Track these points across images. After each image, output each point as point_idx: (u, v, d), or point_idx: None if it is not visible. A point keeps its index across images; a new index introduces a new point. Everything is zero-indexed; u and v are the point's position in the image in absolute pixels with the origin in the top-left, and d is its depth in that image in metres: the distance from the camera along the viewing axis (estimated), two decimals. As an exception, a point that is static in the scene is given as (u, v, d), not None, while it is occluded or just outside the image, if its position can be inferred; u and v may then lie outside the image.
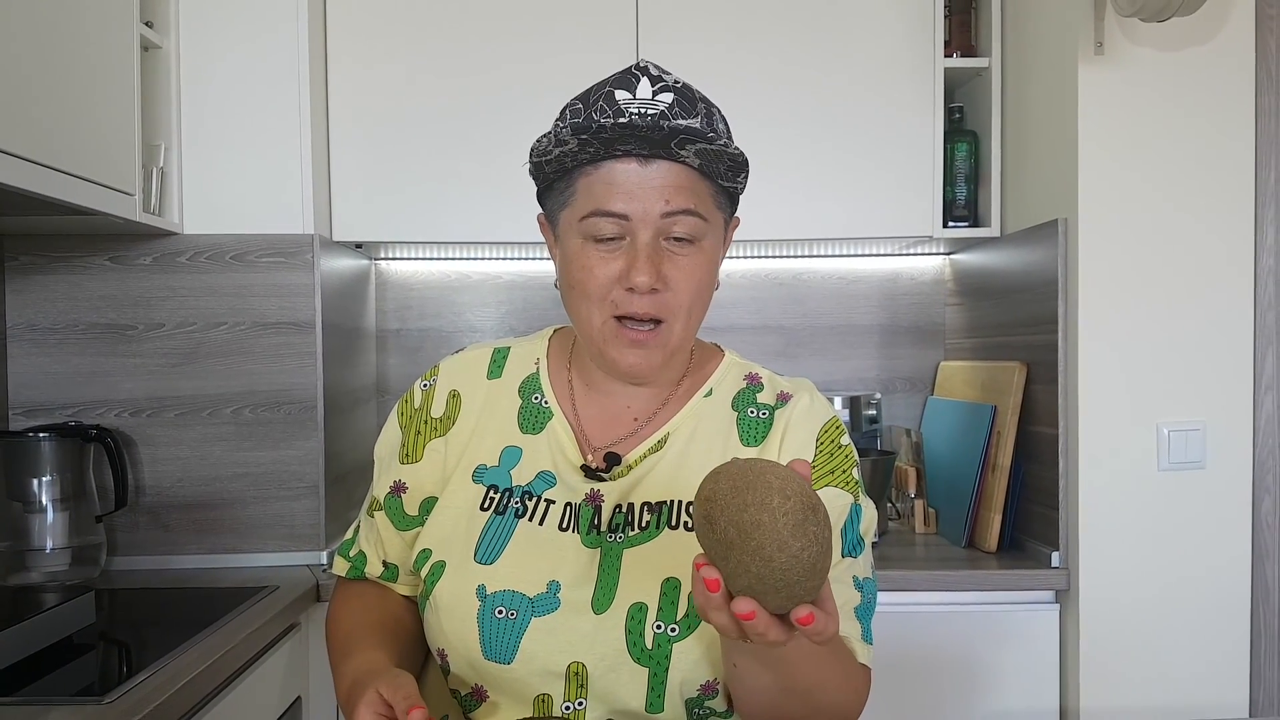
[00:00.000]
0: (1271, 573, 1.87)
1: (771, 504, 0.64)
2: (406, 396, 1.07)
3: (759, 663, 0.80)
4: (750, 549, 0.64)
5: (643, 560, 0.92)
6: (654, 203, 0.90)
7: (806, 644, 0.75)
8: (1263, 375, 1.86)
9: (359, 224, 2.12)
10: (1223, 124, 1.84)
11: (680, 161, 0.90)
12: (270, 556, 1.97)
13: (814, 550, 0.64)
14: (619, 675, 0.89)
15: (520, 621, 0.90)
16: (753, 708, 0.86)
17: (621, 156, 0.90)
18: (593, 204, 0.91)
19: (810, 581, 0.65)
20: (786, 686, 0.82)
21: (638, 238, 0.90)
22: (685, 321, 0.95)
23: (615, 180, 0.90)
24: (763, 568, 0.64)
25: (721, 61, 2.13)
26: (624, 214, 0.90)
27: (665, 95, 0.91)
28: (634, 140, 0.88)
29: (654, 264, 0.90)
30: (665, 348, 0.94)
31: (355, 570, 1.07)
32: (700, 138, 0.87)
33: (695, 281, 0.93)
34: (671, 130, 0.86)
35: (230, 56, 1.95)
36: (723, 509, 0.66)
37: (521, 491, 0.97)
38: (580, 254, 0.92)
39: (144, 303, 1.96)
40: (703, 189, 0.92)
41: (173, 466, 1.97)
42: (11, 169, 1.40)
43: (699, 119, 0.92)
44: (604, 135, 0.87)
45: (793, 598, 0.65)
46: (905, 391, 2.54)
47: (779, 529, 0.64)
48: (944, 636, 1.91)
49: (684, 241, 0.92)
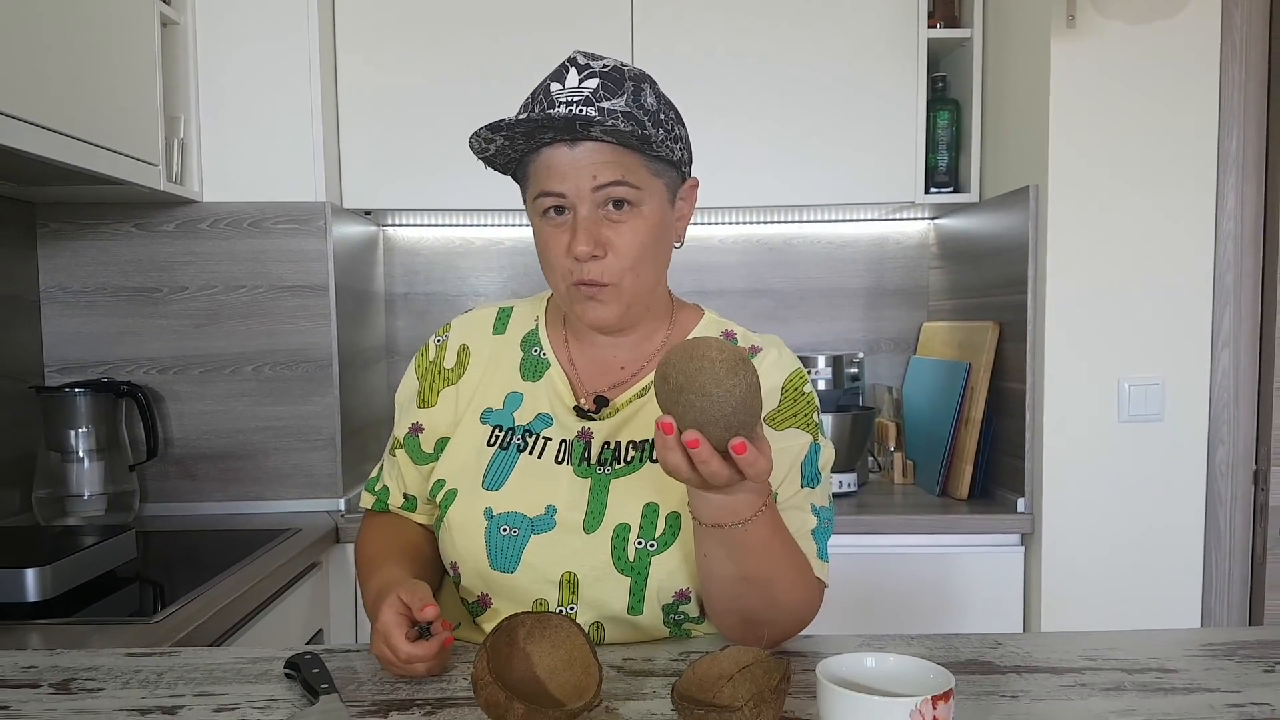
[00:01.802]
0: (1224, 519, 2.00)
1: (710, 354, 0.82)
2: (423, 350, 1.20)
3: (724, 550, 0.94)
4: (695, 388, 0.82)
5: (627, 488, 1.05)
6: (584, 180, 1.01)
7: (761, 532, 0.91)
8: (1220, 333, 1.98)
9: (368, 192, 2.24)
10: (1188, 94, 1.94)
11: (600, 140, 1.01)
12: (291, 503, 2.11)
13: (744, 389, 0.81)
14: (605, 584, 1.03)
15: (521, 538, 1.04)
16: (719, 599, 1.00)
17: (552, 143, 1.02)
18: (538, 187, 1.04)
19: (742, 415, 0.81)
20: (746, 575, 0.95)
21: (578, 212, 1.03)
22: (635, 275, 1.05)
23: (551, 164, 1.02)
24: (704, 401, 0.81)
25: (714, 30, 2.24)
26: (561, 192, 1.02)
27: (591, 81, 1.01)
28: (550, 130, 0.99)
29: (590, 234, 1.02)
30: (619, 301, 1.05)
31: (380, 503, 1.21)
32: (597, 122, 0.96)
33: (636, 243, 1.03)
34: (571, 118, 0.96)
35: (244, 32, 2.06)
36: (674, 365, 0.83)
37: (523, 430, 1.11)
38: (540, 230, 1.06)
39: (168, 267, 2.09)
40: (631, 160, 1.02)
41: (198, 420, 2.11)
42: (45, 141, 1.53)
43: (624, 97, 1.01)
44: (519, 130, 0.99)
45: (729, 428, 0.82)
46: (890, 351, 2.66)
47: (716, 370, 0.81)
48: (919, 576, 2.05)
49: (622, 207, 1.03)
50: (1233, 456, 1.99)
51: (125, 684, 0.98)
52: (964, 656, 1.03)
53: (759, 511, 0.91)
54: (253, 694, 0.95)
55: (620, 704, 0.91)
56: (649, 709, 0.89)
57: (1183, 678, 0.97)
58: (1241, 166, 1.94)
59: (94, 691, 0.96)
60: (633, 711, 0.89)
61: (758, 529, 0.91)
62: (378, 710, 0.90)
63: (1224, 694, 0.93)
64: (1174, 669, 0.99)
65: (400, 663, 0.94)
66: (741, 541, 0.92)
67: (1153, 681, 0.96)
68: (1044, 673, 0.98)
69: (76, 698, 0.95)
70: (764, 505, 0.91)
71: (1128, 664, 1.01)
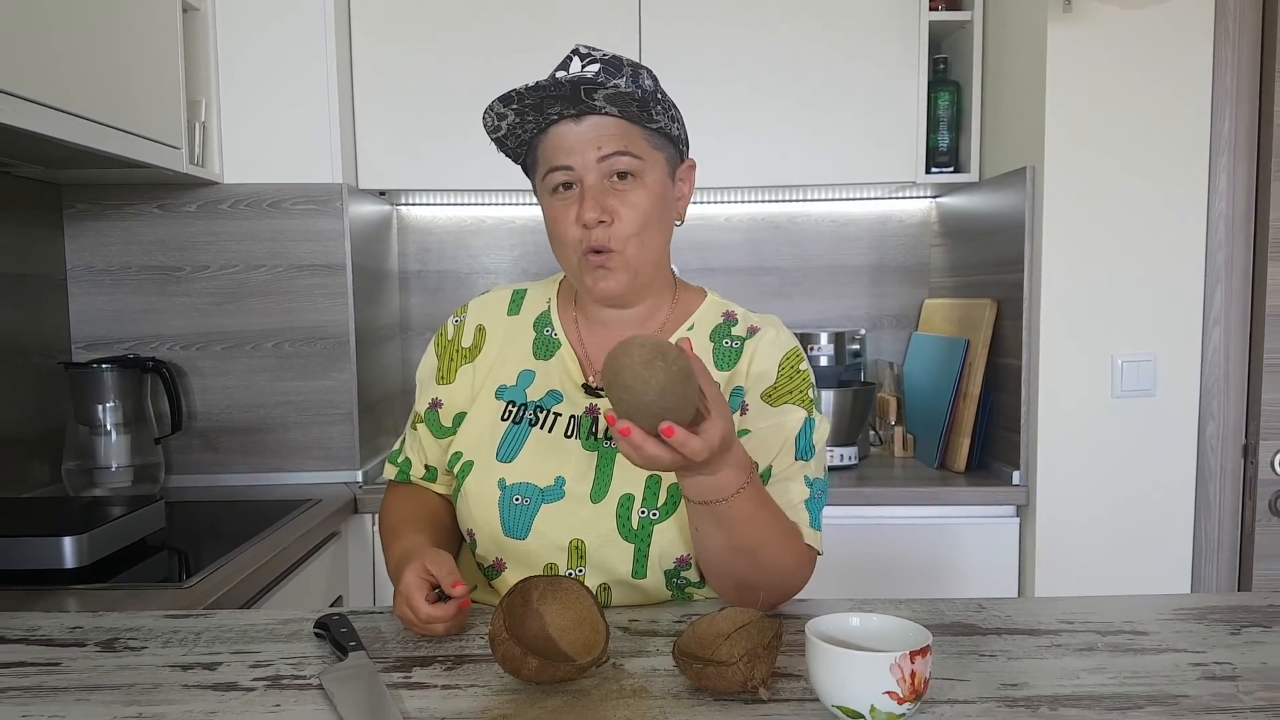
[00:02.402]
0: (1214, 491, 2.06)
1: (631, 351, 0.90)
2: (442, 330, 1.27)
3: (712, 524, 1.01)
4: (619, 384, 0.90)
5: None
6: (589, 151, 1.09)
7: (745, 507, 0.99)
8: (1211, 310, 2.03)
9: (382, 173, 2.30)
10: (1181, 77, 1.98)
11: (603, 114, 1.09)
12: (310, 475, 2.19)
13: (663, 378, 0.89)
14: (611, 550, 1.10)
15: (533, 507, 1.11)
16: (712, 566, 1.07)
17: (558, 121, 1.10)
18: (547, 163, 1.11)
19: (664, 401, 0.89)
20: (734, 545, 1.02)
21: (584, 182, 1.10)
22: (641, 243, 1.12)
23: (558, 141, 1.10)
24: (628, 394, 0.90)
25: (721, 12, 2.28)
26: (568, 165, 1.10)
27: (592, 66, 1.10)
28: (557, 101, 1.07)
29: (597, 201, 1.09)
30: (626, 269, 1.12)
31: (402, 474, 1.28)
32: (601, 86, 1.05)
33: (641, 210, 1.11)
34: (577, 82, 1.05)
35: (262, 17, 2.12)
36: (606, 366, 0.92)
37: (534, 406, 1.18)
38: (550, 207, 1.13)
39: (190, 247, 2.16)
40: (633, 133, 1.11)
41: (221, 395, 2.19)
42: (74, 127, 1.59)
43: (624, 79, 1.09)
44: (527, 101, 1.07)
45: (654, 415, 0.90)
46: (893, 328, 2.72)
47: (635, 365, 0.89)
48: (918, 545, 2.12)
49: (625, 177, 1.10)
50: (1223, 431, 2.04)
51: (166, 643, 1.06)
52: (948, 619, 1.10)
53: (742, 488, 0.98)
54: (285, 652, 1.02)
55: (626, 660, 0.98)
56: (653, 665, 0.97)
57: (1153, 639, 1.04)
58: (1233, 148, 1.98)
59: (137, 650, 1.04)
60: (637, 667, 0.96)
61: (742, 504, 0.99)
62: (401, 666, 0.97)
63: (1190, 654, 1.00)
64: (1145, 631, 1.06)
65: (421, 623, 1.02)
66: (728, 516, 0.99)
67: (1124, 643, 1.03)
68: (1022, 634, 1.05)
69: (121, 655, 1.02)
70: (746, 482, 0.99)
71: (1102, 626, 1.07)
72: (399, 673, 0.96)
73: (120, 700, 0.91)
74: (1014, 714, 0.86)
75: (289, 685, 0.93)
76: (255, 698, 0.91)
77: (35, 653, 1.03)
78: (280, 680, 0.95)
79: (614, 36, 2.26)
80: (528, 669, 0.87)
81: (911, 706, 0.80)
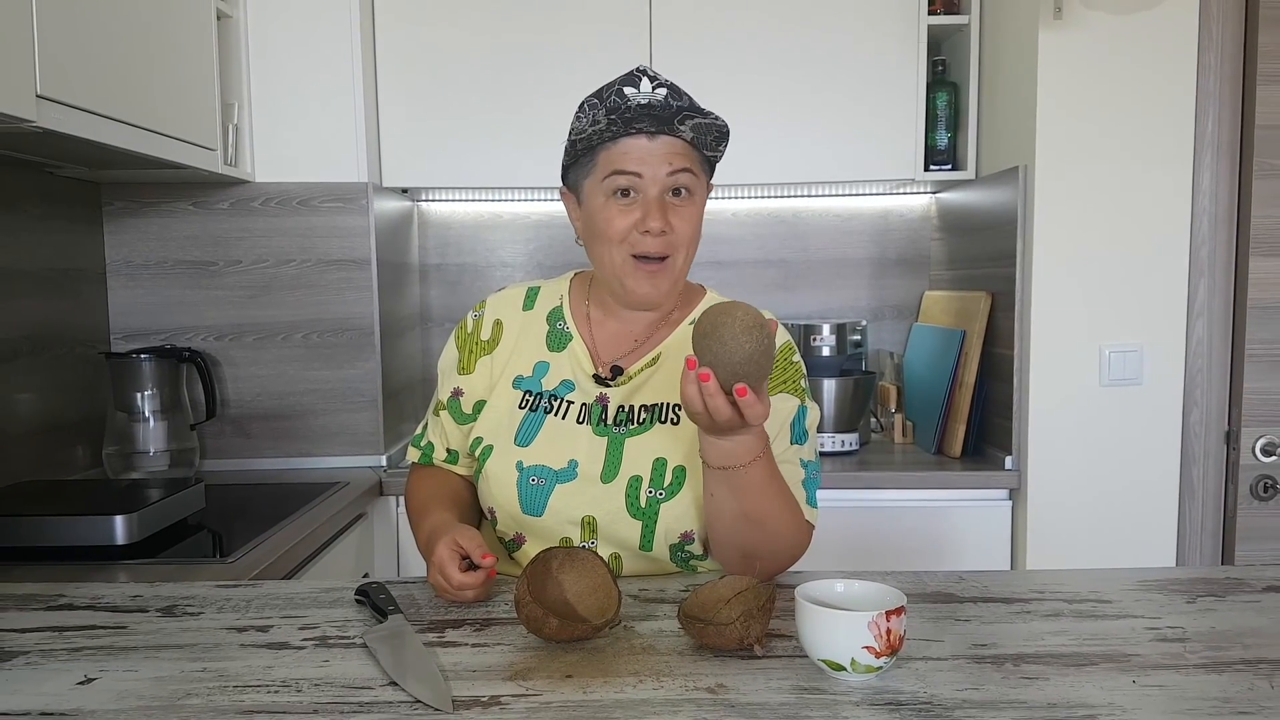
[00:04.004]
0: (1198, 475, 2.15)
1: (735, 314, 1.01)
2: (462, 323, 1.38)
3: (727, 489, 1.11)
4: (715, 336, 1.00)
5: (639, 446, 1.23)
6: (660, 166, 1.20)
7: (760, 475, 1.09)
8: (1195, 303, 2.12)
9: (405, 171, 2.41)
10: (1167, 80, 2.07)
11: (678, 136, 1.20)
12: (337, 459, 2.31)
13: (753, 347, 0.99)
14: (620, 526, 1.21)
15: (548, 487, 1.23)
16: (722, 534, 1.17)
17: (634, 134, 1.19)
18: (612, 166, 1.21)
19: (748, 367, 0.99)
20: (745, 512, 1.13)
21: (648, 193, 1.20)
22: (685, 255, 1.25)
23: (629, 151, 1.20)
24: (719, 347, 0.99)
25: (727, 12, 2.37)
26: (638, 172, 1.20)
27: (660, 90, 1.21)
28: (647, 119, 1.18)
29: (662, 213, 1.20)
30: (671, 276, 1.24)
31: (425, 457, 1.39)
32: (698, 113, 1.18)
33: (692, 225, 1.24)
34: (677, 108, 1.18)
35: (291, 23, 2.23)
36: (707, 315, 1.02)
37: (549, 394, 1.29)
38: (604, 209, 1.22)
39: (224, 242, 2.28)
40: (694, 155, 1.23)
41: (252, 383, 2.30)
42: (117, 132, 1.70)
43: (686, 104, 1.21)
44: (627, 115, 1.18)
45: (735, 374, 0.99)
46: (893, 319, 2.81)
47: (734, 327, 0.99)
48: (915, 527, 2.23)
49: (682, 194, 1.22)
50: (1206, 418, 2.14)
51: (220, 609, 1.17)
52: (930, 589, 1.21)
53: (757, 457, 1.09)
54: (330, 616, 1.13)
55: (636, 623, 1.09)
56: (660, 627, 1.07)
57: (1114, 607, 1.14)
58: (1216, 147, 2.07)
59: (195, 615, 1.15)
60: (647, 629, 1.07)
61: (756, 472, 1.10)
62: (436, 628, 1.09)
63: (1146, 619, 1.10)
64: (1109, 600, 1.16)
65: (454, 589, 1.13)
66: (742, 483, 1.10)
67: (1088, 610, 1.13)
68: (996, 602, 1.15)
69: (181, 620, 1.13)
70: (762, 452, 1.09)
71: (1069, 596, 1.17)
72: (433, 633, 1.07)
73: (186, 658, 1.02)
74: (981, 669, 0.96)
75: (335, 644, 1.04)
76: (306, 655, 1.02)
77: (103, 618, 1.14)
78: (327, 640, 1.06)
79: (625, 41, 2.35)
80: (549, 628, 0.99)
81: (888, 660, 0.91)
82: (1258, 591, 1.19)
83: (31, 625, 1.11)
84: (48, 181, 2.11)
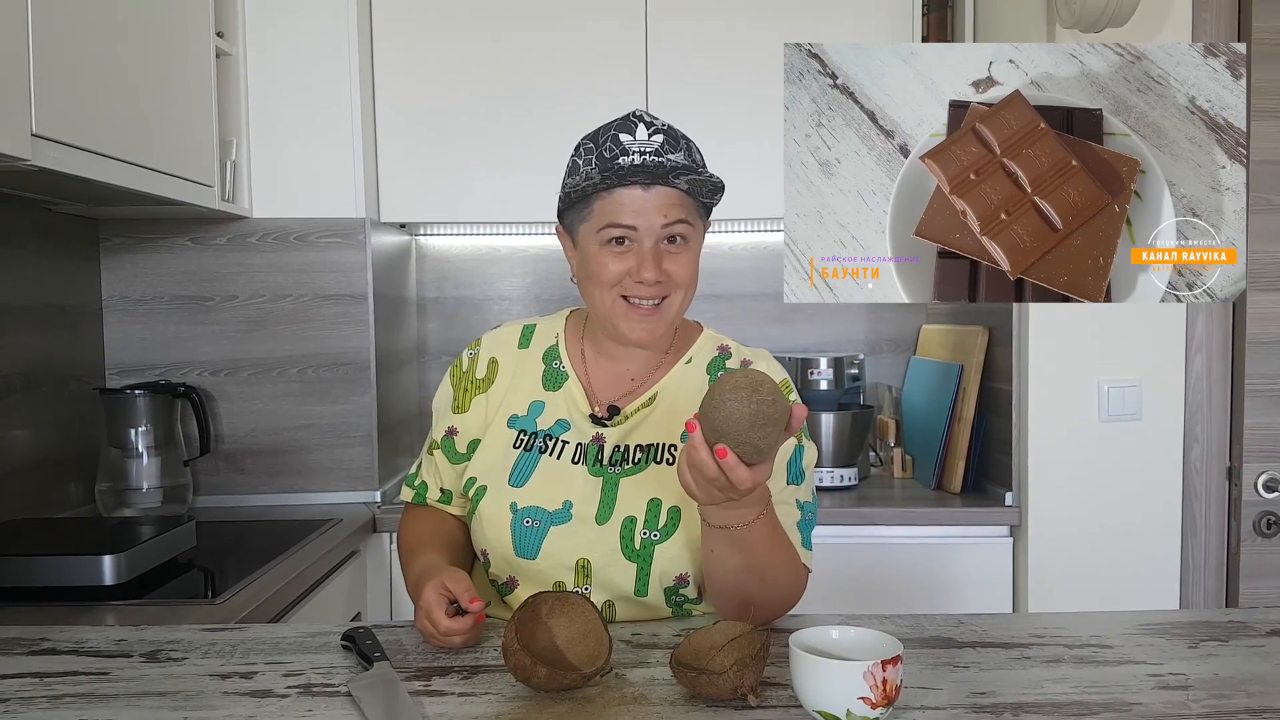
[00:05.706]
0: (1200, 512, 2.13)
1: (732, 380, 0.99)
2: (457, 362, 1.37)
3: (729, 546, 1.10)
4: (708, 394, 0.99)
5: (634, 486, 1.22)
6: (655, 218, 1.20)
7: (762, 533, 1.08)
8: (1194, 338, 2.11)
9: (403, 206, 2.41)
10: (1163, 116, 2.07)
11: (673, 186, 1.20)
12: (331, 495, 2.29)
13: (738, 406, 0.96)
14: (615, 569, 1.19)
15: (542, 529, 1.21)
16: (722, 586, 1.16)
17: (630, 185, 1.19)
18: (608, 219, 1.20)
19: (742, 435, 0.96)
20: (748, 565, 1.11)
21: (643, 243, 1.20)
22: (682, 298, 1.25)
23: (624, 202, 1.20)
24: (707, 403, 0.99)
25: (723, 51, 2.38)
26: (632, 225, 1.20)
27: (657, 136, 1.21)
28: (642, 174, 1.18)
29: (656, 263, 1.20)
30: (665, 320, 1.24)
31: (419, 496, 1.37)
32: (691, 171, 1.18)
33: (688, 271, 1.23)
34: (671, 168, 1.17)
35: (290, 62, 2.24)
36: (727, 378, 1.00)
37: (544, 434, 1.27)
38: (598, 255, 1.22)
39: (220, 278, 2.28)
40: (689, 204, 1.23)
41: (247, 419, 2.29)
42: (116, 170, 1.70)
43: (681, 152, 1.21)
44: (621, 172, 1.18)
45: (717, 432, 0.97)
46: (891, 352, 2.80)
47: (724, 386, 0.98)
48: (915, 563, 2.20)
49: (677, 242, 1.22)
50: (1207, 454, 2.12)
51: (205, 654, 1.15)
52: (928, 633, 1.19)
53: (759, 516, 1.08)
54: (315, 662, 1.11)
55: (628, 670, 1.07)
56: (652, 675, 1.06)
57: (1115, 652, 1.12)
58: (1214, 184, 2.06)
59: (179, 660, 1.13)
60: (638, 677, 1.05)
61: (759, 529, 1.08)
62: (422, 675, 1.07)
63: (1148, 666, 1.08)
64: (1110, 645, 1.14)
65: (440, 635, 1.11)
66: (745, 540, 1.09)
67: (1089, 655, 1.11)
68: (996, 647, 1.14)
69: (164, 665, 1.12)
70: (764, 510, 1.08)
71: (1070, 640, 1.16)
72: (419, 681, 1.05)
73: (167, 706, 1.00)
74: (979, 719, 0.94)
75: (320, 692, 1.03)
76: (289, 704, 1.00)
77: (86, 663, 1.12)
78: (311, 688, 1.04)
79: (622, 78, 2.36)
80: (537, 677, 0.97)
81: (885, 711, 0.89)
82: (1262, 635, 1.17)
83: (13, 671, 1.10)
84: (45, 217, 2.11)
